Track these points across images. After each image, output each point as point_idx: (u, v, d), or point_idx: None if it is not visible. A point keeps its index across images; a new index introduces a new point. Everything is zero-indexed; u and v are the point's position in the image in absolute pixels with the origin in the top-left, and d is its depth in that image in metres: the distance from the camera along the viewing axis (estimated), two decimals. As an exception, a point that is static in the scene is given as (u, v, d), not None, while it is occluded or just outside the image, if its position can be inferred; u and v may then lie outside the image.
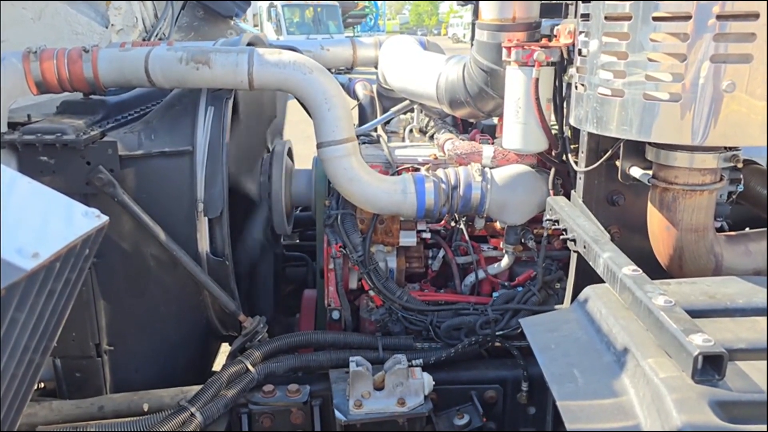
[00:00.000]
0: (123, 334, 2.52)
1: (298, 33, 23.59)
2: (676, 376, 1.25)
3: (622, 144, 1.91)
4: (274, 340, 2.45)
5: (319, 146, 2.42)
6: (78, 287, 1.34)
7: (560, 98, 2.29)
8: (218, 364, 3.44)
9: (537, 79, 2.13)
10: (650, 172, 1.86)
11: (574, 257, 2.18)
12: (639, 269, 1.57)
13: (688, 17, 1.46)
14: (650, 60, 1.55)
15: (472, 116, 2.62)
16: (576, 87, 1.87)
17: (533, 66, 2.14)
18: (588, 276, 2.18)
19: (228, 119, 2.42)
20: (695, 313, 1.41)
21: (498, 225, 2.72)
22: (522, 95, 2.18)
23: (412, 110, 3.23)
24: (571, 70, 1.92)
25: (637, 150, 1.92)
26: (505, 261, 2.65)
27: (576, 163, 2.13)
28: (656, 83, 1.58)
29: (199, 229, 2.41)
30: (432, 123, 3.14)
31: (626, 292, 1.52)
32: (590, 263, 1.79)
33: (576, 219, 1.97)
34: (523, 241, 2.64)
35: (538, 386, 2.53)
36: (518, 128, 2.22)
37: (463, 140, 2.67)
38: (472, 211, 2.53)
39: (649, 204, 1.89)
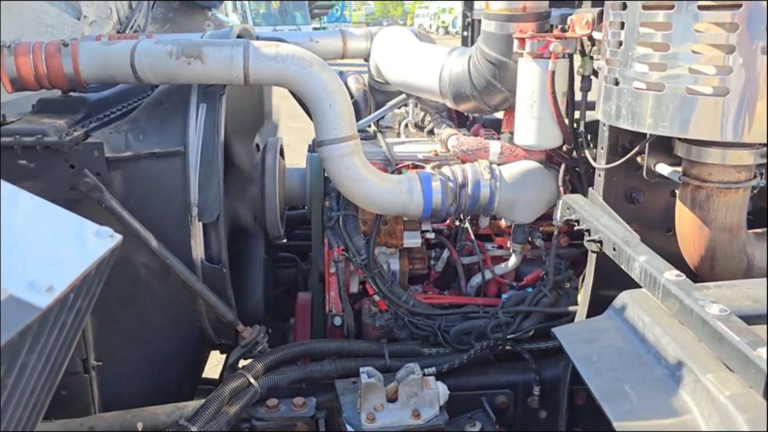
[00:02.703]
0: (112, 347, 2.36)
1: (264, 24, 23.14)
2: (744, 393, 1.17)
3: (647, 139, 1.82)
4: (276, 350, 2.32)
5: (319, 144, 2.29)
6: (87, 315, 1.19)
7: (572, 91, 2.20)
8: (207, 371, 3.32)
9: (553, 72, 2.02)
10: (680, 169, 1.78)
11: (592, 258, 2.09)
12: (682, 274, 1.48)
13: (737, 6, 1.37)
14: (694, 52, 1.45)
15: (478, 110, 2.51)
16: (606, 81, 1.77)
17: (548, 58, 2.03)
18: (606, 277, 2.11)
19: (222, 117, 2.27)
20: (744, 320, 1.33)
21: (503, 223, 2.62)
22: (537, 89, 2.07)
23: (406, 104, 3.11)
24: (598, 63, 1.82)
25: (663, 145, 1.84)
26: (513, 261, 2.56)
27: (594, 159, 2.04)
28: (697, 76, 1.49)
29: (193, 235, 2.26)
30: (429, 117, 3.02)
31: (671, 300, 1.43)
32: (622, 266, 1.69)
33: (600, 219, 1.88)
34: (530, 239, 2.55)
35: (550, 390, 2.46)
36: (533, 123, 2.11)
37: (467, 136, 2.56)
38: (480, 210, 2.42)
39: (678, 202, 1.81)
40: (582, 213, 1.95)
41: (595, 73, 2.13)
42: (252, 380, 2.18)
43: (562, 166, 2.39)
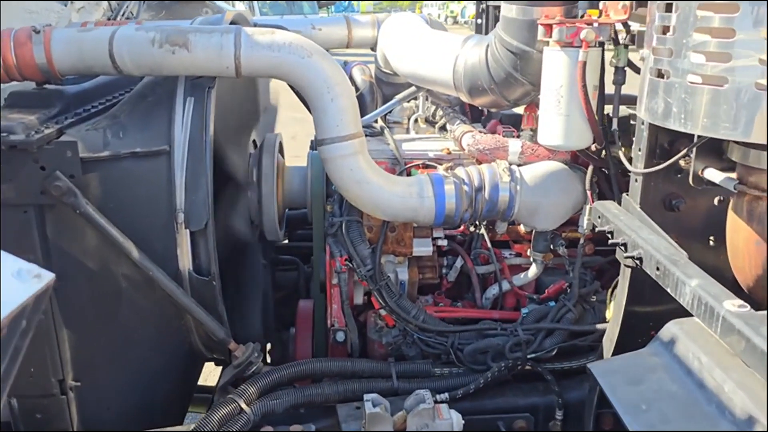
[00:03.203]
0: (91, 366, 2.14)
1: (271, 13, 22.84)
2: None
3: (697, 141, 1.57)
4: (271, 372, 2.09)
5: (320, 143, 2.06)
6: (12, 376, 0.96)
7: (602, 85, 1.96)
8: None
9: (584, 63, 1.78)
10: (733, 176, 1.53)
11: (625, 273, 1.86)
12: (745, 304, 1.24)
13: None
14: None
15: (495, 105, 2.27)
16: (651, 73, 1.52)
17: (579, 47, 1.79)
18: (639, 290, 1.88)
19: (211, 112, 2.04)
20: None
21: (522, 228, 2.38)
22: (565, 82, 1.83)
23: (416, 98, 2.87)
24: (643, 52, 1.57)
25: (712, 147, 1.59)
26: (533, 271, 2.33)
27: (629, 161, 1.80)
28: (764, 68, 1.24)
29: (179, 244, 2.03)
30: (441, 112, 2.78)
31: (734, 336, 1.19)
32: (668, 289, 1.46)
33: (639, 232, 1.64)
34: (553, 247, 2.31)
35: (573, 413, 2.23)
36: (559, 121, 1.87)
37: (483, 133, 2.32)
38: (498, 216, 2.19)
39: (731, 214, 1.57)
40: (617, 224, 1.71)
41: (630, 64, 1.89)
42: (244, 406, 1.96)
43: (590, 167, 2.14)
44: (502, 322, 2.27)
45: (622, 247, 1.68)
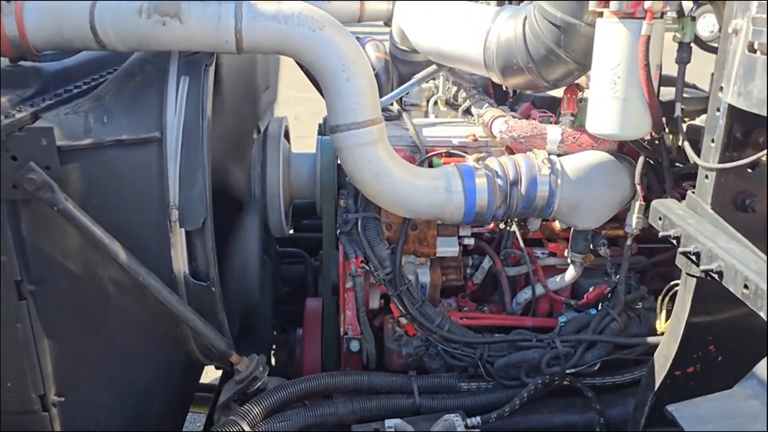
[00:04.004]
0: (77, 380, 1.91)
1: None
2: None
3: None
4: (278, 389, 1.86)
5: (333, 130, 1.80)
6: None
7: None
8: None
9: (648, 38, 1.51)
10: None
11: (689, 284, 1.61)
12: None
13: None
14: None
15: (530, 87, 1.99)
16: (747, 49, 1.26)
17: (642, 18, 1.52)
18: (703, 304, 1.63)
19: (209, 93, 1.78)
20: None
21: (558, 225, 2.13)
22: (623, 60, 1.56)
23: (434, 77, 2.59)
24: (735, 23, 1.30)
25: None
26: (571, 273, 2.07)
27: (699, 154, 1.53)
28: None
29: (173, 245, 1.79)
30: (464, 93, 2.51)
31: None
32: (761, 314, 1.20)
33: (716, 239, 1.38)
34: (593, 248, 2.05)
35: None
36: (615, 106, 1.61)
37: (517, 118, 2.05)
38: (535, 213, 1.93)
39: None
40: (686, 228, 1.45)
41: (697, 39, 1.62)
42: (247, 429, 1.72)
43: (640, 159, 1.88)
44: (536, 331, 2.03)
45: (693, 256, 1.42)
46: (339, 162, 2.20)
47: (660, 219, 1.58)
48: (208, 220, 1.77)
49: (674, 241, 1.50)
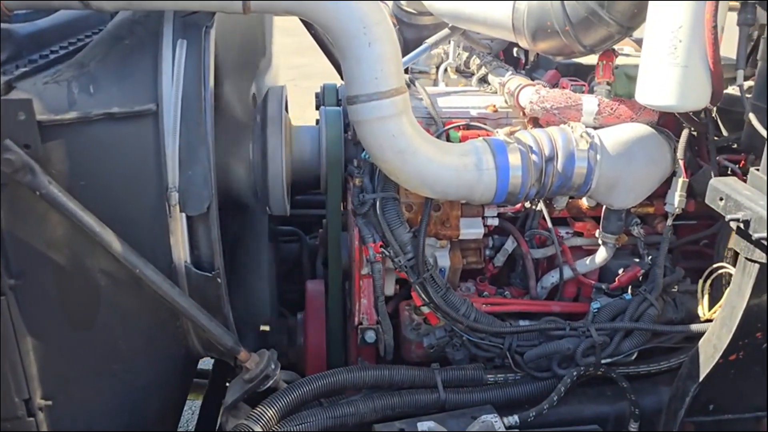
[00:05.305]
0: (66, 382, 1.72)
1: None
2: None
3: None
4: (292, 388, 1.69)
5: (352, 101, 1.60)
6: None
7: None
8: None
9: (717, -3, 1.34)
10: None
11: (749, 270, 1.47)
12: None
13: None
14: None
15: (563, 52, 1.82)
16: None
17: (709, -25, 1.35)
18: (758, 293, 1.50)
19: (211, 59, 1.56)
20: None
21: (585, 203, 1.98)
22: (686, 22, 1.39)
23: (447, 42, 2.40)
24: None
25: None
26: (602, 255, 1.93)
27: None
28: None
29: (173, 231, 1.59)
30: (477, 60, 2.32)
31: None
32: None
33: (796, 224, 1.24)
34: (626, 227, 1.91)
35: (648, 423, 1.89)
36: (675, 74, 1.45)
37: (547, 87, 1.87)
38: (570, 191, 1.77)
39: None
40: (759, 212, 1.31)
41: (761, -1, 1.46)
42: (262, 435, 1.56)
43: (684, 132, 1.73)
44: (564, 318, 1.89)
45: (765, 242, 1.28)
46: (347, 136, 2.02)
47: (722, 200, 1.43)
48: (213, 204, 1.57)
49: (742, 225, 1.35)
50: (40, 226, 1.54)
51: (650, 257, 1.92)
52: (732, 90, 1.85)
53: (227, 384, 2.44)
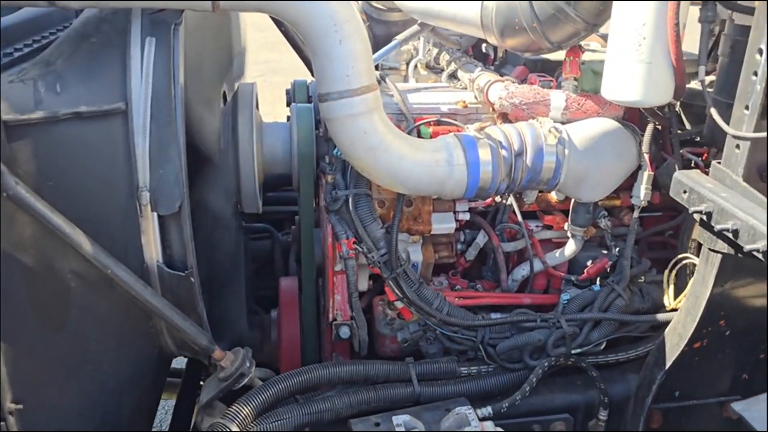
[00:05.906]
0: (37, 384, 1.69)
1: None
2: None
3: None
4: (268, 385, 1.69)
5: (323, 98, 1.60)
6: None
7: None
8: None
9: (680, -6, 1.38)
10: None
11: (712, 260, 1.52)
12: None
13: None
14: None
15: (531, 49, 1.85)
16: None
17: (671, -26, 1.39)
18: (722, 282, 1.55)
19: (180, 56, 1.55)
20: None
21: (554, 197, 2.01)
22: (650, 19, 1.43)
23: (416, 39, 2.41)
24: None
25: None
26: (571, 247, 1.97)
27: (728, 123, 1.43)
28: None
29: (144, 231, 1.58)
30: (447, 56, 2.34)
31: None
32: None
33: (756, 215, 1.28)
34: (595, 220, 1.95)
35: (616, 410, 1.94)
36: (639, 70, 1.48)
37: (516, 84, 1.90)
38: (539, 186, 1.81)
39: None
40: (720, 203, 1.35)
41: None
42: (238, 432, 1.56)
43: (649, 126, 1.78)
44: (535, 309, 1.93)
45: (731, 234, 1.32)
46: (318, 133, 2.02)
47: (685, 192, 1.48)
48: (185, 203, 1.56)
49: (705, 217, 1.40)
50: (7, 228, 1.51)
51: (617, 249, 1.97)
52: (694, 84, 1.91)
53: (201, 383, 2.43)
